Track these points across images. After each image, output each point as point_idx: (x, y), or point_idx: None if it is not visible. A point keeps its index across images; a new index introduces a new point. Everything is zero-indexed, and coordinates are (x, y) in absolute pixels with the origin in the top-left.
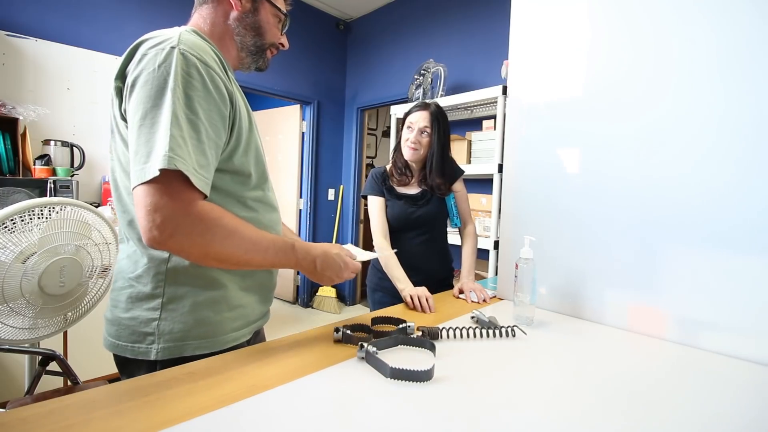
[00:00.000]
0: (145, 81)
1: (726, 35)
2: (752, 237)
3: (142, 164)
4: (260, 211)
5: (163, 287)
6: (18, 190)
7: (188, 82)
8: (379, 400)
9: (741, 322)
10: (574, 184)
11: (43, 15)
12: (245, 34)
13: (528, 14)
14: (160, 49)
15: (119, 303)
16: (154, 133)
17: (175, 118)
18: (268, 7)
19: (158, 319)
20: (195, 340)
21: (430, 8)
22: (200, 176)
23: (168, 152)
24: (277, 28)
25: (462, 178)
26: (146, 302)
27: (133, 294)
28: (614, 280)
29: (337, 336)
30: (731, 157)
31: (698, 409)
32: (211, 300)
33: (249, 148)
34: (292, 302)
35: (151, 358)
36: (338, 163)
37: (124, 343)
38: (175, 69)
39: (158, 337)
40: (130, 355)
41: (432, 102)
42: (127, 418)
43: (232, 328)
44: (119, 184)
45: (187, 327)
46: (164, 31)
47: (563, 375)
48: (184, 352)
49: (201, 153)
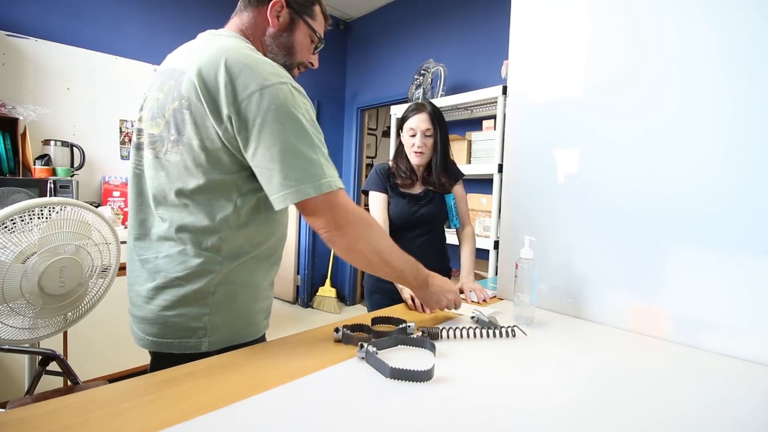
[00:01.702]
0: (276, 116)
1: (727, 35)
2: (752, 237)
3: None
4: (284, 215)
5: (216, 285)
6: (18, 190)
7: (308, 111)
8: (379, 400)
9: (741, 322)
10: (575, 184)
11: (43, 15)
12: (277, 52)
13: (528, 14)
14: (278, 86)
15: (163, 301)
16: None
17: (318, 147)
18: (303, 28)
19: (209, 314)
20: (238, 330)
21: (430, 8)
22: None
23: (328, 178)
24: (309, 49)
25: (461, 180)
26: (197, 299)
27: (181, 293)
28: (614, 280)
29: (337, 336)
30: (732, 157)
31: (698, 408)
32: (250, 295)
33: None
34: (292, 302)
35: (202, 350)
36: (338, 163)
37: (170, 340)
38: (299, 103)
39: (209, 331)
40: (176, 351)
41: (426, 101)
42: (127, 418)
43: (264, 317)
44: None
45: (232, 319)
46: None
47: (563, 375)
48: (232, 341)
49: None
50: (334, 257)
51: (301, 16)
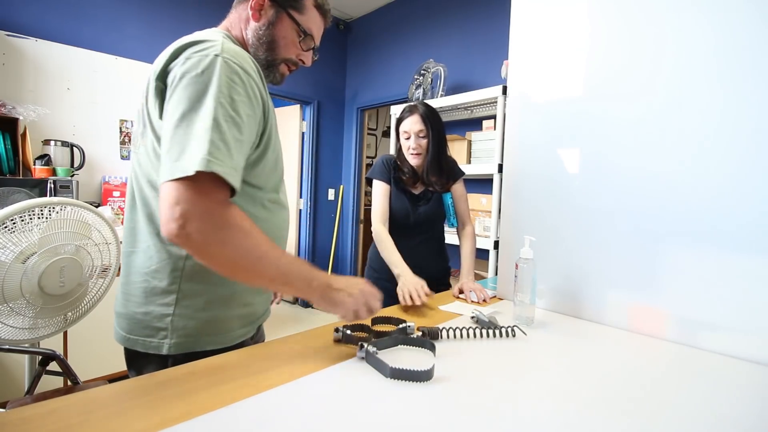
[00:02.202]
0: (188, 83)
1: (725, 34)
2: (753, 237)
3: (173, 162)
4: (274, 211)
5: (179, 283)
6: (18, 190)
7: (232, 87)
8: (379, 400)
9: (741, 322)
10: (574, 184)
11: (43, 15)
12: (258, 47)
13: (528, 14)
14: (204, 55)
15: (133, 297)
16: (190, 134)
17: (215, 122)
18: (288, 22)
19: (172, 315)
20: (206, 336)
21: (430, 8)
22: (237, 176)
23: (207, 155)
24: (295, 45)
25: (462, 179)
26: (161, 297)
27: (148, 288)
28: (614, 280)
29: (337, 336)
30: (731, 157)
31: (698, 409)
32: (223, 298)
33: (275, 154)
34: (292, 302)
35: (163, 352)
36: (338, 163)
37: (135, 336)
38: (219, 75)
39: (171, 332)
40: (141, 349)
41: (419, 103)
42: (127, 418)
43: (240, 325)
44: (141, 179)
45: (199, 323)
46: (206, 35)
47: (563, 375)
48: (195, 347)
49: (242, 153)
50: (334, 257)
51: (285, 10)
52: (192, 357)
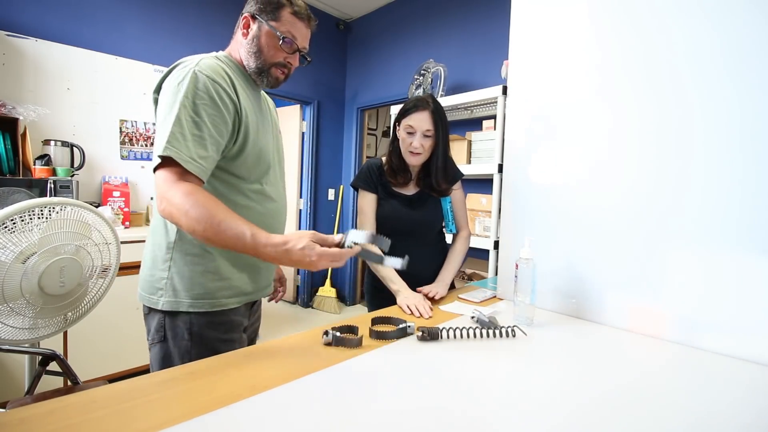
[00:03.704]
0: (166, 93)
1: (729, 34)
2: (753, 237)
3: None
4: (258, 201)
5: (172, 253)
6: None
7: (196, 94)
8: (379, 400)
9: (741, 322)
10: (574, 183)
11: (43, 15)
12: (249, 59)
13: (528, 14)
14: (181, 69)
15: (147, 262)
16: (161, 131)
17: (178, 120)
18: (267, 31)
19: (166, 278)
20: (190, 299)
21: (430, 8)
22: (197, 164)
23: (166, 144)
24: (278, 49)
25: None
26: (161, 263)
27: (153, 256)
28: (614, 280)
29: (326, 339)
30: (732, 158)
31: (698, 409)
32: (204, 269)
33: (257, 149)
34: (292, 302)
35: (159, 307)
36: (338, 163)
37: (145, 293)
38: (188, 85)
39: (165, 292)
40: (147, 304)
41: (429, 97)
42: (127, 418)
43: (222, 296)
44: None
45: (185, 287)
46: (196, 57)
47: (563, 375)
48: (180, 307)
49: (202, 147)
50: None
51: (264, 22)
52: (182, 316)
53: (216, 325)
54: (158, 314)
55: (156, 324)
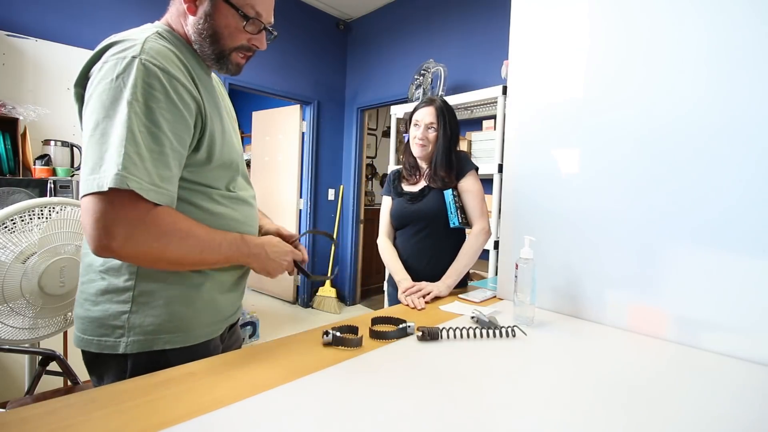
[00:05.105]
0: (102, 90)
1: (725, 34)
2: (753, 237)
3: (88, 175)
4: (230, 205)
5: (135, 280)
6: (18, 190)
7: (150, 93)
8: (379, 400)
9: (741, 322)
10: (574, 184)
11: (43, 15)
12: (201, 42)
13: (528, 14)
14: (121, 58)
15: (88, 297)
16: (105, 144)
17: (130, 133)
18: (225, 10)
19: (129, 312)
20: (167, 334)
21: (430, 8)
22: (161, 190)
23: (121, 171)
24: (241, 31)
25: (475, 174)
26: (117, 295)
27: (102, 287)
28: (614, 280)
29: (326, 339)
30: (731, 157)
31: (698, 409)
32: (183, 296)
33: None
34: (292, 302)
35: (119, 351)
36: (338, 163)
37: (89, 337)
38: (134, 80)
39: (128, 330)
40: (95, 350)
41: (438, 97)
42: (127, 418)
43: (204, 324)
44: None
45: (158, 321)
46: (131, 35)
47: (563, 375)
48: (154, 345)
49: (164, 166)
50: (334, 257)
51: None
52: (153, 357)
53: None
54: (115, 361)
55: (114, 371)
